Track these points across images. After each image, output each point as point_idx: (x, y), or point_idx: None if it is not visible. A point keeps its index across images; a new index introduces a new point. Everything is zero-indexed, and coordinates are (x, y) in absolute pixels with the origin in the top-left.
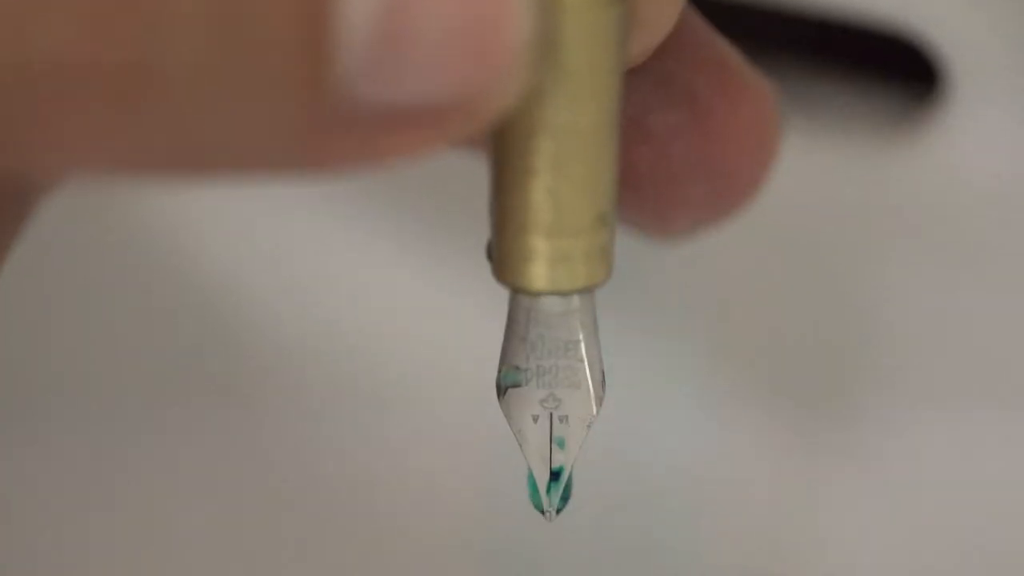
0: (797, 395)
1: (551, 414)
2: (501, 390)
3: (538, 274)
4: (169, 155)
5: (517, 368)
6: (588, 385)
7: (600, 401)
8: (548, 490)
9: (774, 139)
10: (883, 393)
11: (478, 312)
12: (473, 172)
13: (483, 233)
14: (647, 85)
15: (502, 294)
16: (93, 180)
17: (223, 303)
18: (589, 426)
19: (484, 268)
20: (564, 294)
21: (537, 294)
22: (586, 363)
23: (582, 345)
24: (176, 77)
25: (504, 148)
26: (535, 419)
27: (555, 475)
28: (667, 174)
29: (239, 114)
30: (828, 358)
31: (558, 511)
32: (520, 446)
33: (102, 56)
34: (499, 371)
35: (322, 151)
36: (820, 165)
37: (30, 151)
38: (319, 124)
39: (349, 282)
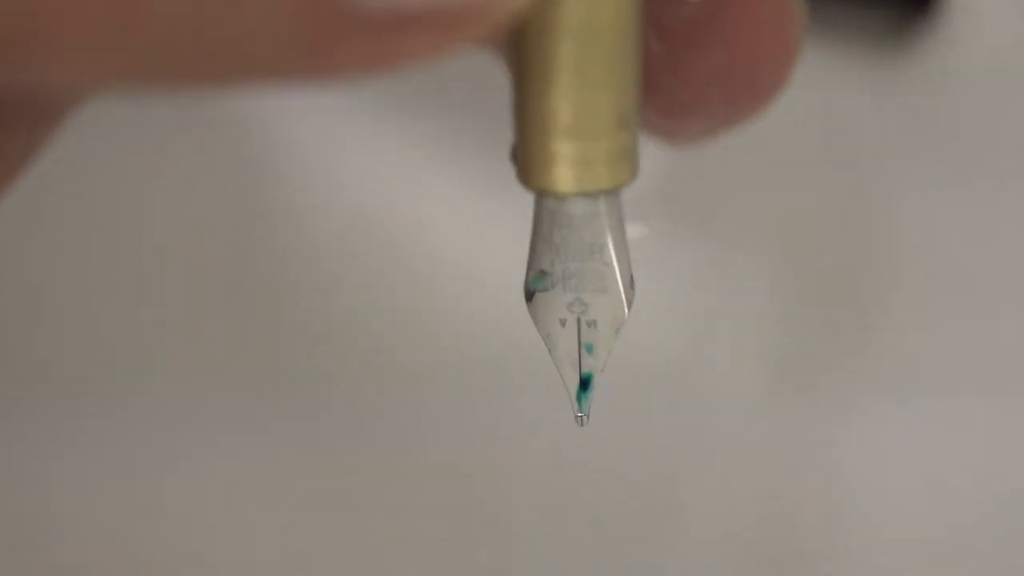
0: (802, 311)
1: (579, 319)
2: (528, 295)
3: (561, 177)
4: (178, 65)
5: (543, 272)
6: (617, 288)
7: (629, 304)
8: (578, 396)
9: (794, 41)
10: (884, 295)
11: (509, 217)
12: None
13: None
14: None
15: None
16: (98, 94)
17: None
18: (618, 330)
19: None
20: (588, 196)
21: (561, 197)
22: (614, 266)
23: (609, 248)
24: None
25: (523, 51)
26: (563, 323)
27: (584, 380)
28: (681, 77)
29: (243, 20)
30: (835, 261)
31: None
32: (549, 351)
33: None
34: (526, 276)
35: (330, 56)
36: (821, 76)
37: (29, 64)
38: (325, 28)
39: (372, 182)
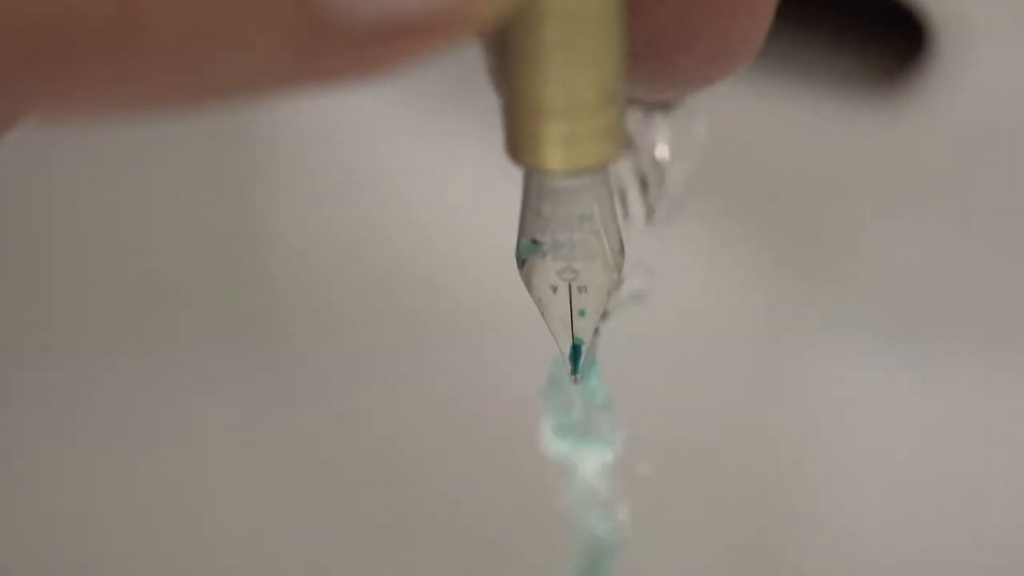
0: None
1: (570, 284)
2: (520, 262)
3: (549, 155)
4: (173, 92)
5: (534, 241)
6: (606, 256)
7: (619, 269)
8: (571, 357)
9: (767, 5)
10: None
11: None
12: None
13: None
14: None
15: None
16: (94, 122)
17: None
18: (609, 295)
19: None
20: (574, 173)
21: (548, 173)
22: (603, 235)
23: (597, 218)
24: (164, 19)
25: (508, 33)
26: (554, 289)
27: (577, 343)
28: (655, 46)
29: (234, 44)
30: (815, 309)
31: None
32: (542, 315)
33: (84, 9)
34: (517, 244)
35: (322, 66)
36: (808, 123)
37: (26, 105)
38: (314, 41)
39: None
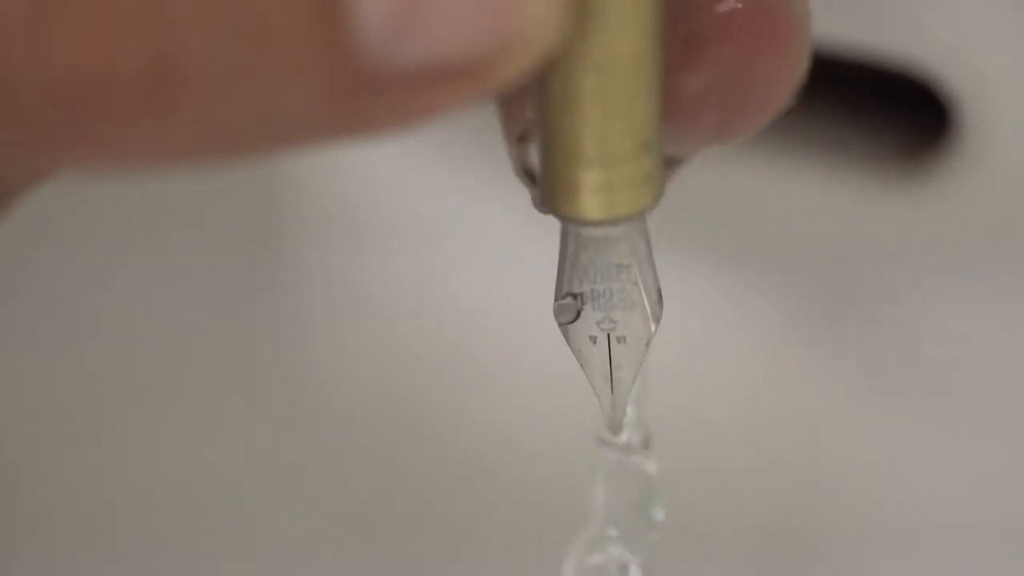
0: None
1: (608, 335)
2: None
3: (586, 204)
4: (208, 144)
5: (572, 292)
6: (643, 306)
7: (657, 320)
8: (610, 407)
9: (795, 61)
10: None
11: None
12: None
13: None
14: None
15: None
16: (128, 173)
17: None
18: (648, 345)
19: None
20: (611, 222)
21: (584, 223)
22: (640, 285)
23: (635, 267)
24: (199, 72)
25: (545, 82)
26: (594, 340)
27: (616, 394)
28: (675, 95)
29: (268, 95)
30: (840, 383)
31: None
32: (581, 367)
33: (119, 63)
34: (555, 295)
35: (357, 116)
36: (831, 202)
37: (62, 155)
38: (348, 92)
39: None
